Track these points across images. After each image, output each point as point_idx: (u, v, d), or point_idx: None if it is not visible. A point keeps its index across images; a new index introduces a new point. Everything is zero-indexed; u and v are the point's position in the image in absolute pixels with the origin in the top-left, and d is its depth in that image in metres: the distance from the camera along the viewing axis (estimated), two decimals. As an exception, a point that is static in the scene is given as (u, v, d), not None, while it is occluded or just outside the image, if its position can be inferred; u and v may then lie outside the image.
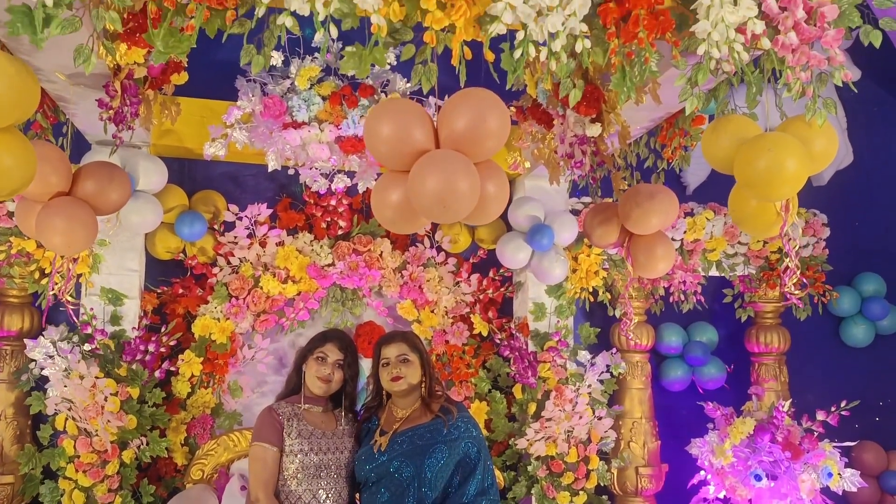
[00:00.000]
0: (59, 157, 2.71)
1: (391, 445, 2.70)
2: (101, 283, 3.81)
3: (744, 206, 2.42)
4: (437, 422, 2.73)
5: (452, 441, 2.68)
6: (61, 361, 3.51)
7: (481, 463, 2.70)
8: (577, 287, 4.32)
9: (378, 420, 2.83)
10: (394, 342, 2.83)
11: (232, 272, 4.07)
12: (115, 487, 3.53)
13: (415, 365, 2.79)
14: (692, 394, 4.62)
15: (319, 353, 2.79)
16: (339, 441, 2.75)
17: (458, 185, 2.07)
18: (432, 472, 2.63)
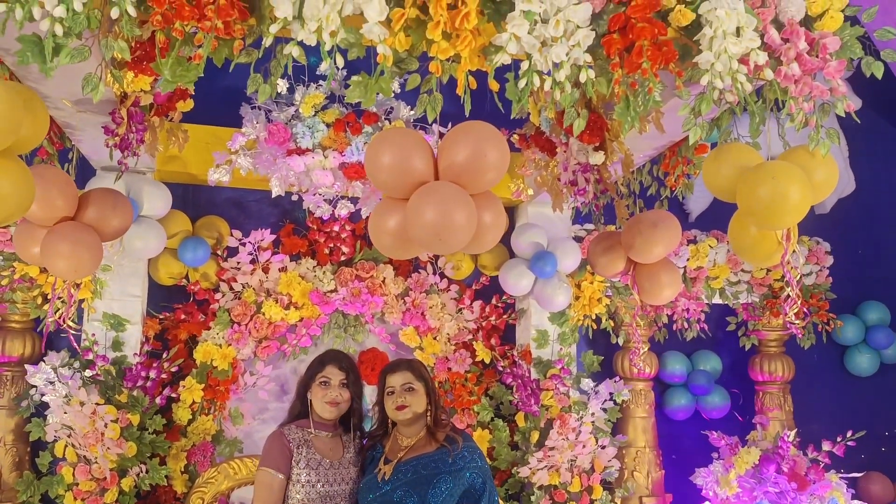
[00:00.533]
0: (65, 181, 2.72)
1: (395, 475, 2.67)
2: (104, 308, 3.80)
3: (744, 235, 2.42)
4: (442, 451, 2.71)
5: (457, 471, 2.65)
6: (62, 388, 3.49)
7: (486, 494, 2.67)
8: (579, 314, 4.31)
9: (383, 448, 2.80)
10: (399, 370, 2.80)
11: (234, 298, 4.07)
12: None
13: (420, 393, 2.76)
14: (696, 422, 4.58)
15: (322, 379, 2.76)
16: (344, 471, 2.72)
17: (455, 217, 2.08)
18: (437, 502, 2.60)
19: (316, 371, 2.79)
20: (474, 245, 2.30)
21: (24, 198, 2.13)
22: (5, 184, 2.05)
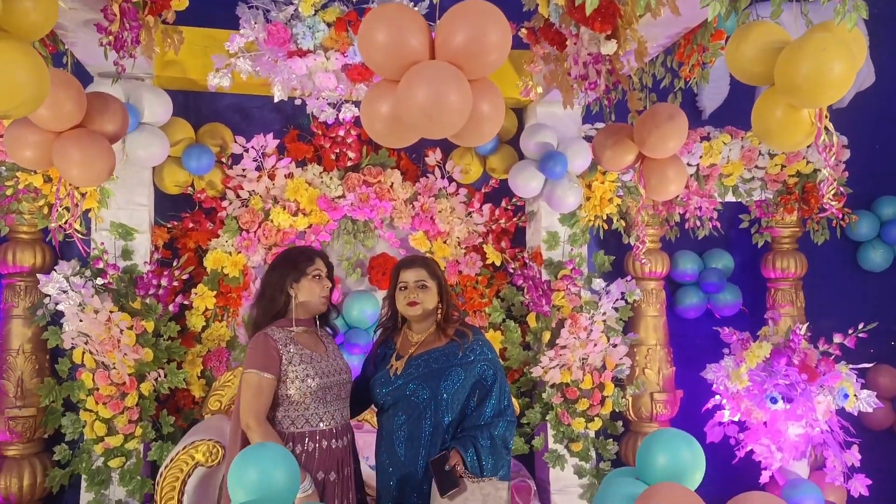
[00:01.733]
0: (75, 86, 2.62)
1: (407, 369, 2.71)
2: (111, 217, 3.78)
3: (771, 118, 2.33)
4: (452, 345, 2.73)
5: (468, 364, 2.68)
6: (75, 296, 3.52)
7: (497, 385, 2.70)
8: (590, 215, 4.26)
9: (394, 345, 2.83)
10: (413, 267, 2.79)
11: (241, 205, 4.04)
12: (135, 419, 3.58)
13: (432, 291, 2.76)
14: (707, 321, 4.59)
15: (316, 272, 2.70)
16: (333, 363, 2.70)
17: (448, 97, 1.99)
18: (448, 395, 2.64)
19: (307, 264, 2.70)
20: (471, 135, 2.23)
21: (38, 89, 2.05)
22: (20, 72, 1.96)
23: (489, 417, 2.65)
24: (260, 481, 1.91)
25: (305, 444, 2.60)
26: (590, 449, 4.17)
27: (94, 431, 3.54)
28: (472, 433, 2.61)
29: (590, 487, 4.14)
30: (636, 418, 4.30)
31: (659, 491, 2.02)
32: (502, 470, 2.64)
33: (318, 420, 2.61)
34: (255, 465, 1.96)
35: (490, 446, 2.59)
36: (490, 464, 2.58)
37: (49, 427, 3.65)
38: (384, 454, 2.70)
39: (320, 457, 2.57)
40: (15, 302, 3.68)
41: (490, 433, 2.62)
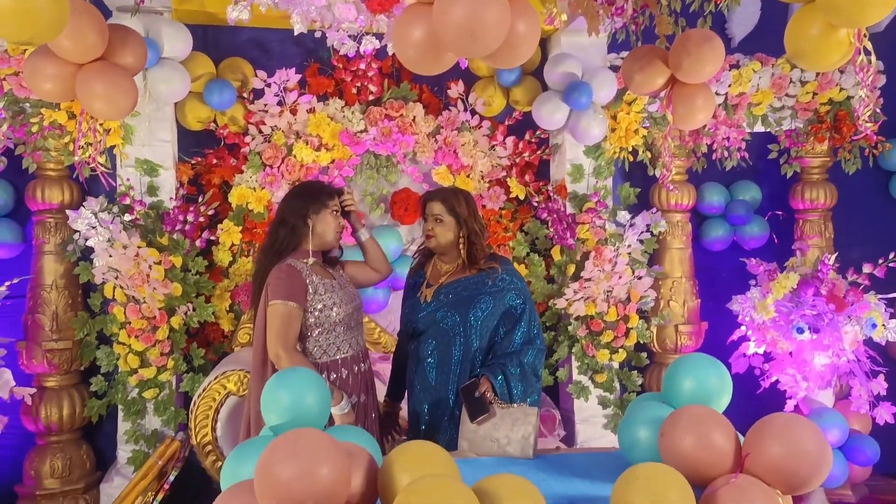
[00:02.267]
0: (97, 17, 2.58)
1: (436, 297, 2.75)
2: (135, 154, 3.79)
3: (806, 37, 2.25)
4: (481, 275, 2.76)
5: (497, 292, 2.71)
6: (104, 232, 3.56)
7: (527, 314, 2.73)
8: (616, 147, 4.20)
9: (425, 274, 2.87)
10: (434, 200, 2.80)
11: (264, 141, 4.03)
12: (167, 351, 3.65)
13: (448, 226, 2.76)
14: (733, 253, 4.55)
15: (335, 207, 2.72)
16: (348, 291, 2.72)
17: (487, 13, 1.95)
18: (477, 321, 2.67)
19: (327, 199, 2.71)
20: (507, 56, 2.18)
21: (56, 17, 2.02)
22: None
23: (518, 345, 2.69)
24: (292, 404, 1.95)
25: (339, 370, 2.65)
26: (614, 380, 4.20)
27: (127, 364, 3.63)
28: (501, 360, 2.64)
29: (613, 418, 4.19)
30: (660, 350, 4.31)
31: (686, 413, 2.03)
32: (532, 397, 2.68)
33: (346, 347, 2.67)
34: (286, 389, 2.00)
35: (519, 374, 2.63)
36: (519, 390, 2.62)
37: (85, 359, 3.74)
38: (416, 380, 2.75)
39: (353, 382, 2.64)
40: (46, 238, 3.74)
41: (519, 360, 2.65)
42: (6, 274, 3.68)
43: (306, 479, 1.58)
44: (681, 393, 2.23)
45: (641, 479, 1.79)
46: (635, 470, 1.83)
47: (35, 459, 3.68)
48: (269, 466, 1.62)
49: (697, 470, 1.88)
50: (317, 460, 1.61)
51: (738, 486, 1.79)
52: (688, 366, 2.26)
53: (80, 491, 3.68)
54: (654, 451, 2.12)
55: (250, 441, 2.00)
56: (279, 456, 1.61)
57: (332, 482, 1.61)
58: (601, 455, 2.48)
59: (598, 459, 2.40)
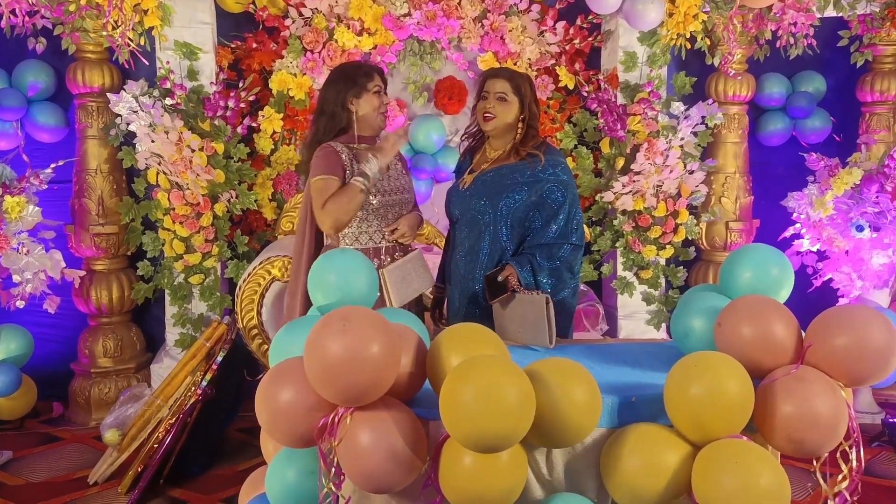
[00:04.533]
0: None
1: (475, 184, 2.64)
2: (174, 36, 3.69)
3: None
4: (521, 163, 2.62)
5: (534, 183, 2.57)
6: (145, 116, 3.51)
7: (566, 208, 2.58)
8: (672, 33, 3.96)
9: (471, 161, 2.76)
10: (499, 77, 2.61)
11: (304, 24, 3.88)
12: (211, 238, 3.67)
13: (512, 107, 2.59)
14: (792, 147, 4.35)
15: (377, 87, 2.59)
16: (395, 182, 2.64)
17: None
18: (509, 211, 2.56)
19: (367, 79, 2.58)
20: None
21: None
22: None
23: (553, 237, 2.57)
24: (340, 284, 1.92)
25: (371, 259, 2.61)
26: (659, 276, 4.13)
27: (173, 249, 3.66)
28: (530, 252, 2.56)
29: (657, 314, 4.14)
30: (708, 247, 4.21)
31: (745, 302, 1.96)
32: (564, 292, 2.59)
33: (380, 237, 2.61)
34: (334, 269, 1.97)
35: (549, 267, 2.52)
36: (548, 283, 2.52)
37: (131, 244, 3.78)
38: (450, 268, 2.71)
39: None
40: (88, 122, 3.71)
41: (550, 253, 2.54)
42: (52, 158, 3.69)
43: (356, 355, 1.56)
44: (739, 283, 2.14)
45: (698, 367, 1.74)
46: (691, 358, 1.79)
47: (88, 339, 3.79)
48: (318, 343, 1.61)
49: (756, 361, 1.82)
50: (367, 337, 1.59)
51: (798, 376, 1.74)
52: (748, 255, 2.17)
53: (131, 370, 3.81)
54: (709, 342, 2.06)
55: (299, 319, 1.99)
56: (329, 332, 1.59)
57: (383, 360, 1.59)
58: (651, 345, 2.44)
59: (648, 349, 2.36)
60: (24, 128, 3.84)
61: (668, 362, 2.22)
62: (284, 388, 1.68)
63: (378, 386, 1.61)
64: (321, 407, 1.66)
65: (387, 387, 1.64)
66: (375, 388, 1.61)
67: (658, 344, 2.43)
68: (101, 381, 3.75)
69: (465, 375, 1.57)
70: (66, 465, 3.26)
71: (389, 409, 1.68)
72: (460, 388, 1.55)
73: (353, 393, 1.60)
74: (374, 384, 1.60)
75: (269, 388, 1.71)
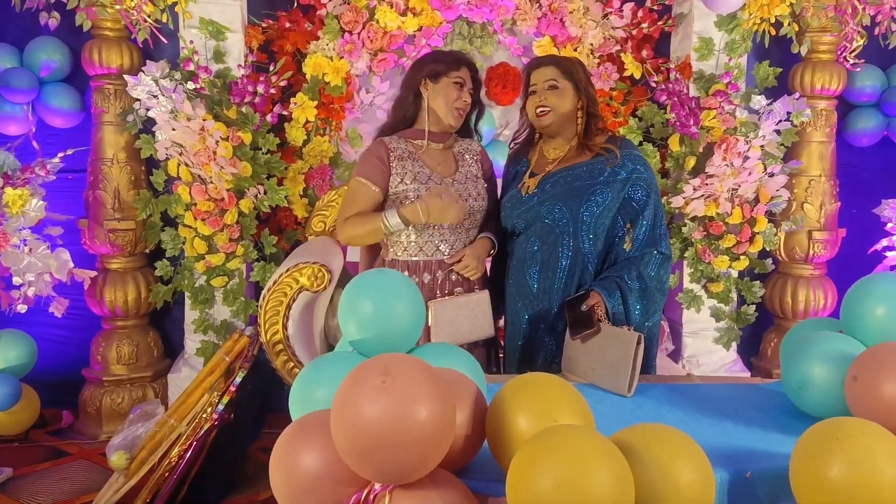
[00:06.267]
0: None
1: (541, 187, 2.28)
2: (200, 13, 3.35)
3: None
4: (598, 160, 2.27)
5: (616, 182, 2.24)
6: (166, 101, 3.17)
7: (651, 209, 2.26)
8: (756, 17, 3.50)
9: (528, 162, 2.39)
10: (543, 65, 2.31)
11: (343, 3, 3.51)
12: (236, 237, 3.33)
13: (566, 93, 2.28)
14: (884, 149, 3.89)
15: (458, 78, 2.32)
16: (461, 187, 2.34)
17: None
18: (591, 218, 2.22)
19: (451, 67, 2.33)
20: None
21: None
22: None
23: (638, 248, 2.24)
24: (377, 314, 1.55)
25: (421, 273, 2.29)
26: (731, 290, 3.70)
27: (194, 248, 3.32)
28: (617, 273, 2.20)
29: (727, 332, 3.72)
30: (787, 259, 3.75)
31: (887, 351, 1.55)
32: (654, 316, 2.25)
33: (433, 249, 2.31)
34: (371, 295, 1.59)
35: (639, 288, 2.19)
36: (639, 309, 2.19)
37: (149, 242, 3.46)
38: (514, 286, 2.33)
39: (435, 290, 2.28)
40: (105, 107, 3.38)
41: (639, 271, 2.20)
42: (66, 145, 3.39)
43: (400, 423, 1.19)
44: (870, 321, 1.73)
45: (840, 440, 1.33)
46: (828, 427, 1.38)
47: (102, 344, 3.48)
48: (350, 404, 1.23)
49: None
50: (415, 398, 1.21)
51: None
52: (879, 287, 1.76)
53: (147, 379, 3.49)
54: (834, 398, 1.67)
55: (328, 357, 1.62)
56: (364, 390, 1.22)
57: (434, 428, 1.21)
58: (749, 387, 2.03)
59: (747, 394, 1.96)
60: (36, 111, 3.53)
61: (775, 415, 1.83)
62: (306, 453, 1.31)
63: (426, 460, 1.24)
64: (352, 481, 1.29)
65: (438, 460, 1.26)
66: (423, 464, 1.24)
67: (758, 387, 2.02)
68: (114, 390, 3.43)
69: (542, 455, 1.18)
70: (70, 487, 2.95)
71: (438, 485, 1.30)
72: (537, 472, 1.17)
73: (394, 469, 1.23)
74: (422, 459, 1.23)
75: (287, 451, 1.34)
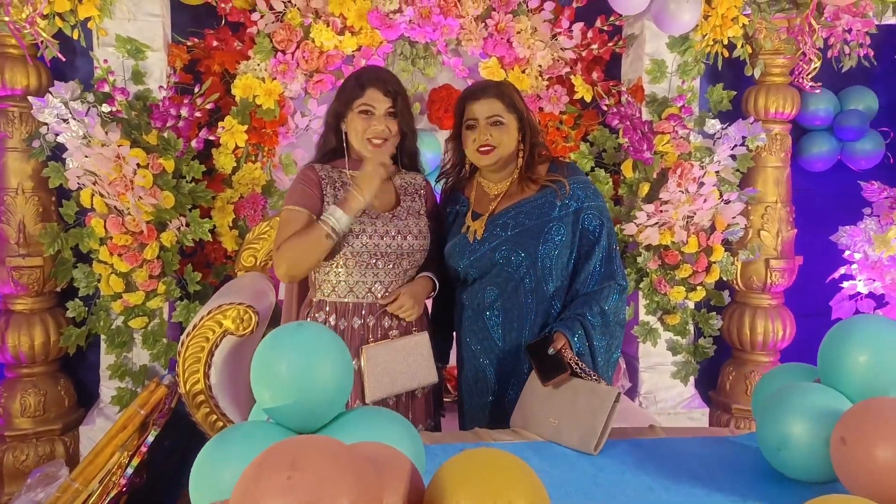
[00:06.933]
0: None
1: (490, 230, 2.09)
2: (116, 30, 3.07)
3: None
4: (545, 193, 2.10)
5: (570, 214, 2.07)
6: (77, 126, 2.88)
7: (604, 236, 2.10)
8: (709, 38, 3.39)
9: (467, 200, 2.18)
10: (484, 97, 2.11)
11: (276, 20, 3.28)
12: (157, 274, 3.04)
13: (511, 128, 2.10)
14: (838, 174, 3.81)
15: (363, 106, 2.10)
16: (401, 223, 2.12)
17: None
18: (551, 259, 2.03)
19: (353, 95, 2.12)
20: None
21: None
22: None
23: (597, 282, 2.06)
24: (295, 379, 1.31)
25: (350, 317, 2.08)
26: (688, 323, 3.54)
27: (110, 287, 3.02)
28: (579, 311, 2.01)
29: (684, 366, 3.56)
30: (744, 288, 3.62)
31: (878, 408, 1.37)
32: (616, 353, 2.09)
33: (364, 290, 2.09)
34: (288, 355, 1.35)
35: (601, 323, 2.02)
36: (602, 345, 2.02)
37: (60, 280, 3.13)
38: (474, 339, 2.12)
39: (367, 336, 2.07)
40: (9, 132, 3.06)
41: (600, 306, 2.04)
42: (-36, 174, 3.05)
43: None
44: (851, 371, 1.56)
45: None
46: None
47: (3, 395, 3.11)
48: (252, 497, 0.99)
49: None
50: (326, 496, 0.97)
51: None
52: (860, 331, 1.59)
53: (56, 432, 3.13)
54: (816, 458, 1.49)
55: (236, 430, 1.36)
56: (267, 489, 0.97)
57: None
58: (720, 443, 1.84)
59: (721, 452, 1.76)
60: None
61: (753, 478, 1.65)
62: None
63: (346, 573, 1.00)
64: None
65: (360, 571, 1.02)
66: (341, 577, 0.99)
67: (730, 441, 1.83)
68: (18, 446, 3.07)
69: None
70: (-40, 562, 2.61)
71: None
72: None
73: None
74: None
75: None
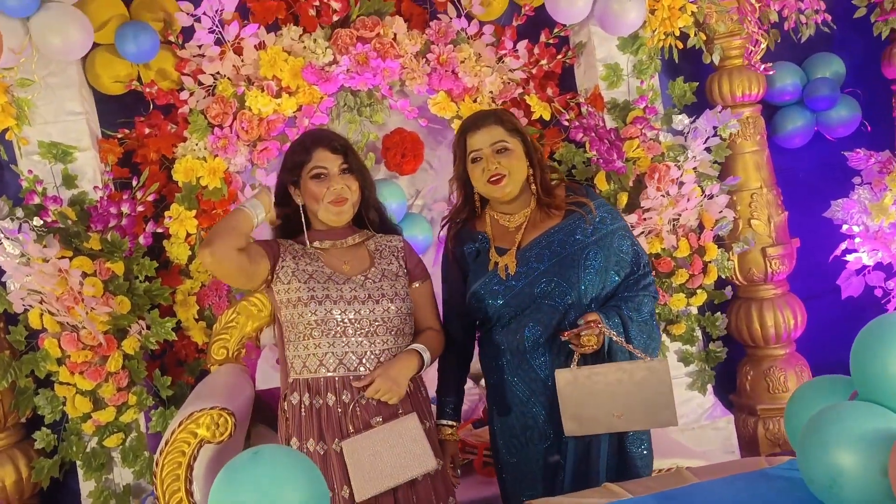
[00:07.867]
0: None
1: (523, 264, 1.95)
2: (38, 136, 2.89)
3: None
4: (573, 218, 1.98)
5: (602, 238, 1.97)
6: (11, 245, 2.68)
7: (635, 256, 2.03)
8: (659, 33, 3.24)
9: (486, 237, 2.04)
10: (485, 125, 1.97)
11: (207, 95, 3.10)
12: (125, 385, 2.82)
13: (518, 154, 1.97)
14: (818, 146, 3.66)
15: (314, 170, 1.94)
16: (373, 286, 1.94)
17: None
18: (594, 285, 1.93)
19: (301, 160, 1.97)
20: None
21: None
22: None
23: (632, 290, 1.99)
24: None
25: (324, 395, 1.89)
26: (694, 329, 3.35)
27: (76, 408, 2.80)
28: (614, 303, 1.94)
29: (699, 375, 3.36)
30: (745, 282, 3.43)
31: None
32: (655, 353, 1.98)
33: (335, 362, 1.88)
34: (249, 489, 1.15)
35: (638, 319, 1.93)
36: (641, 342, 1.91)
37: (22, 411, 2.90)
38: (520, 385, 1.96)
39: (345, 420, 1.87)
40: (-59, 263, 2.86)
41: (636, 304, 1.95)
42: None
43: None
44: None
45: None
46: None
47: (-18, 547, 2.88)
48: None
49: None
50: None
51: None
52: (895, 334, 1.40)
53: (43, 577, 2.90)
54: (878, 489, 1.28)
55: None
56: None
57: None
58: (757, 478, 1.63)
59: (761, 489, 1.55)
60: None
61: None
62: None
63: None
64: None
65: None
66: None
67: (768, 474, 1.62)
68: None
69: None
70: None
71: None
72: None
73: None
74: None
75: None
